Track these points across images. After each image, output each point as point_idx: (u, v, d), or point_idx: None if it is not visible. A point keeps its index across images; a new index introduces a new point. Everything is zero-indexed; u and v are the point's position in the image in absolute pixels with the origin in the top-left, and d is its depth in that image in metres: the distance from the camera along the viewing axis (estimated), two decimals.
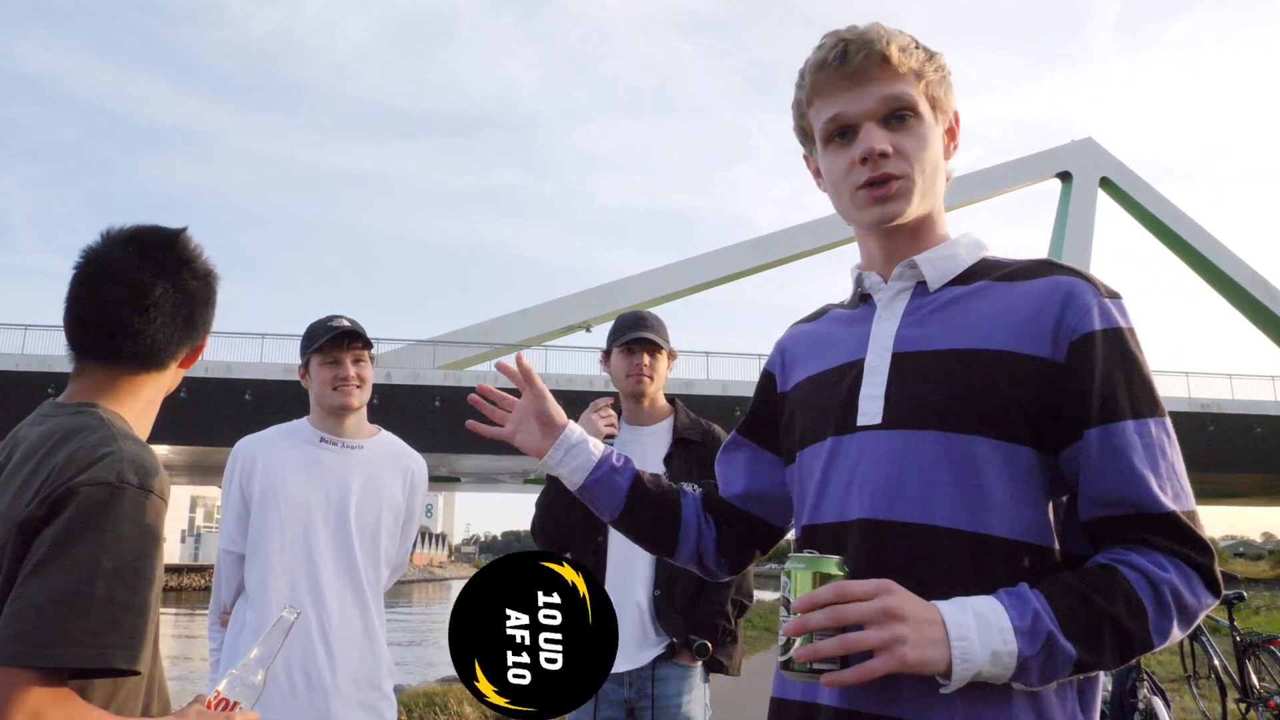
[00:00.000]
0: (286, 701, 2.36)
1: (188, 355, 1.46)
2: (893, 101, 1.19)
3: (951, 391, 1.13)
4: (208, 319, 1.47)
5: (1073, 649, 1.01)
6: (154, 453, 1.29)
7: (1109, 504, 1.09)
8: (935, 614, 1.01)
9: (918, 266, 1.23)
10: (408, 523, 2.68)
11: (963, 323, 1.17)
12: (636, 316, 2.86)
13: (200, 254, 1.45)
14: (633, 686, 2.59)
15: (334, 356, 2.54)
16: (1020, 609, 1.02)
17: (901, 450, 1.14)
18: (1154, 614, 1.04)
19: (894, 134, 1.19)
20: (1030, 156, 54.06)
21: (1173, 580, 1.04)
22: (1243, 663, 6.52)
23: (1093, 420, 1.10)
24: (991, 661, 1.00)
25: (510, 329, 42.33)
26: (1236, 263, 53.28)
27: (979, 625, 1.01)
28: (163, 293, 1.38)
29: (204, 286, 1.46)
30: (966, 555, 1.09)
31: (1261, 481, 47.63)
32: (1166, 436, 1.11)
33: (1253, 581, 32.65)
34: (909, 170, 1.19)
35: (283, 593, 2.43)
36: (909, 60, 1.19)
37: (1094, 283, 1.16)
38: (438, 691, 8.24)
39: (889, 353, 1.20)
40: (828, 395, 1.26)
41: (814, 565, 1.05)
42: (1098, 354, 1.11)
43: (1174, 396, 39.11)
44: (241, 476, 2.54)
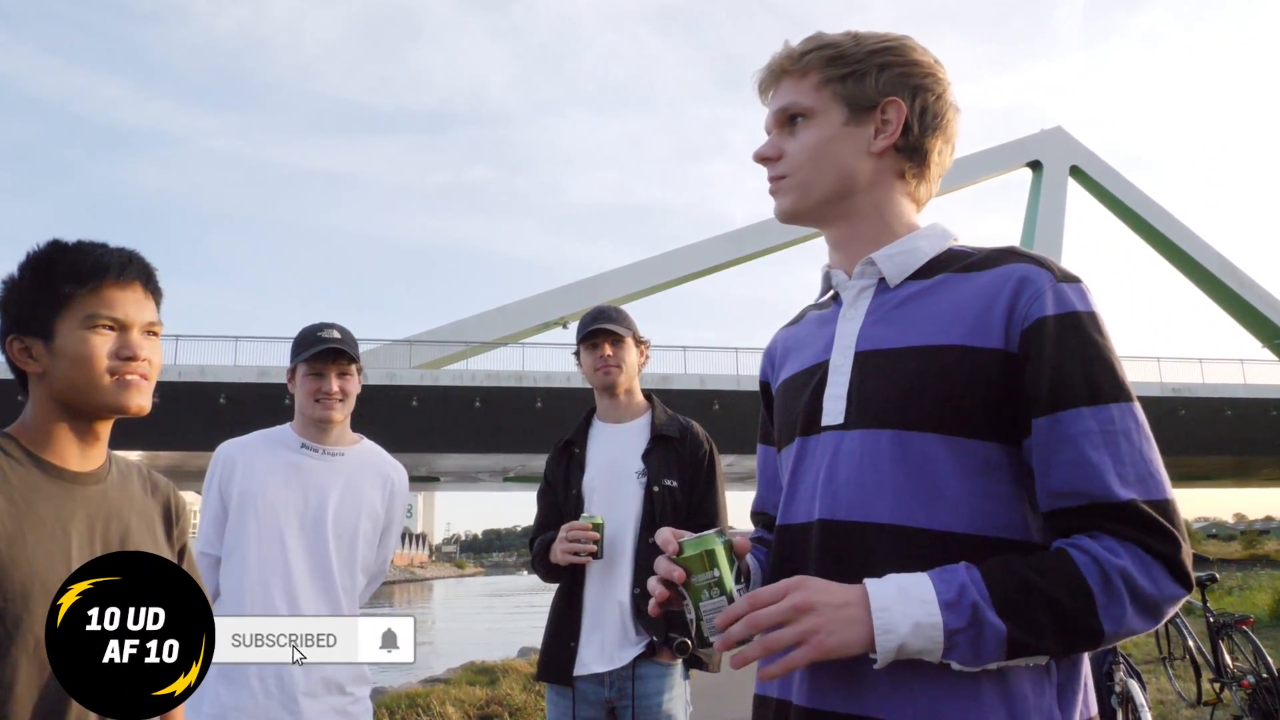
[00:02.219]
0: (258, 705, 2.36)
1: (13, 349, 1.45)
2: (782, 107, 1.26)
3: (907, 389, 1.13)
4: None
5: (1002, 625, 0.99)
6: None
7: (1063, 495, 1.07)
8: (855, 594, 1.03)
9: (875, 264, 1.24)
10: (387, 531, 2.67)
11: (921, 319, 1.17)
12: (596, 311, 2.86)
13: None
14: (613, 686, 2.59)
15: (319, 369, 2.55)
16: (947, 582, 1.02)
17: (860, 450, 1.15)
18: (1101, 598, 1.00)
19: (787, 136, 1.26)
20: (1001, 146, 54.44)
21: (1124, 566, 1.01)
22: (1216, 643, 6.60)
23: (1041, 409, 1.08)
24: (914, 633, 1.00)
25: (487, 327, 42.18)
26: (1205, 249, 53.96)
27: (900, 597, 1.01)
28: None
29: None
30: (924, 553, 1.08)
31: (1232, 463, 48.31)
32: (1133, 422, 1.07)
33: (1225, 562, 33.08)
34: (791, 169, 1.25)
35: (257, 597, 2.42)
36: (802, 64, 1.25)
37: (1049, 268, 1.14)
38: (419, 693, 8.21)
39: (852, 351, 1.21)
40: (797, 397, 1.27)
41: (700, 545, 1.12)
42: (1049, 340, 1.09)
43: (1146, 381, 39.54)
44: (221, 480, 2.54)
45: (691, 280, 48.57)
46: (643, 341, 2.86)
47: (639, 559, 2.60)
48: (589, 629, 2.63)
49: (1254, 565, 27.28)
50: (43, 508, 1.38)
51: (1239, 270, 53.73)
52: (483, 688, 8.49)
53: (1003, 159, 54.16)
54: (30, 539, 1.34)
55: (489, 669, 9.83)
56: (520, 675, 9.10)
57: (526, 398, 34.32)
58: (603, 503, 2.69)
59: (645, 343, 2.87)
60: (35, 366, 1.43)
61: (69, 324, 1.41)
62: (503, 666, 9.85)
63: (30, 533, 1.35)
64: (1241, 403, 39.92)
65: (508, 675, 9.14)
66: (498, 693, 8.10)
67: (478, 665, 10.36)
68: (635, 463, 2.71)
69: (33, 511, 1.36)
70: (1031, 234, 52.53)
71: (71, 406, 1.44)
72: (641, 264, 46.85)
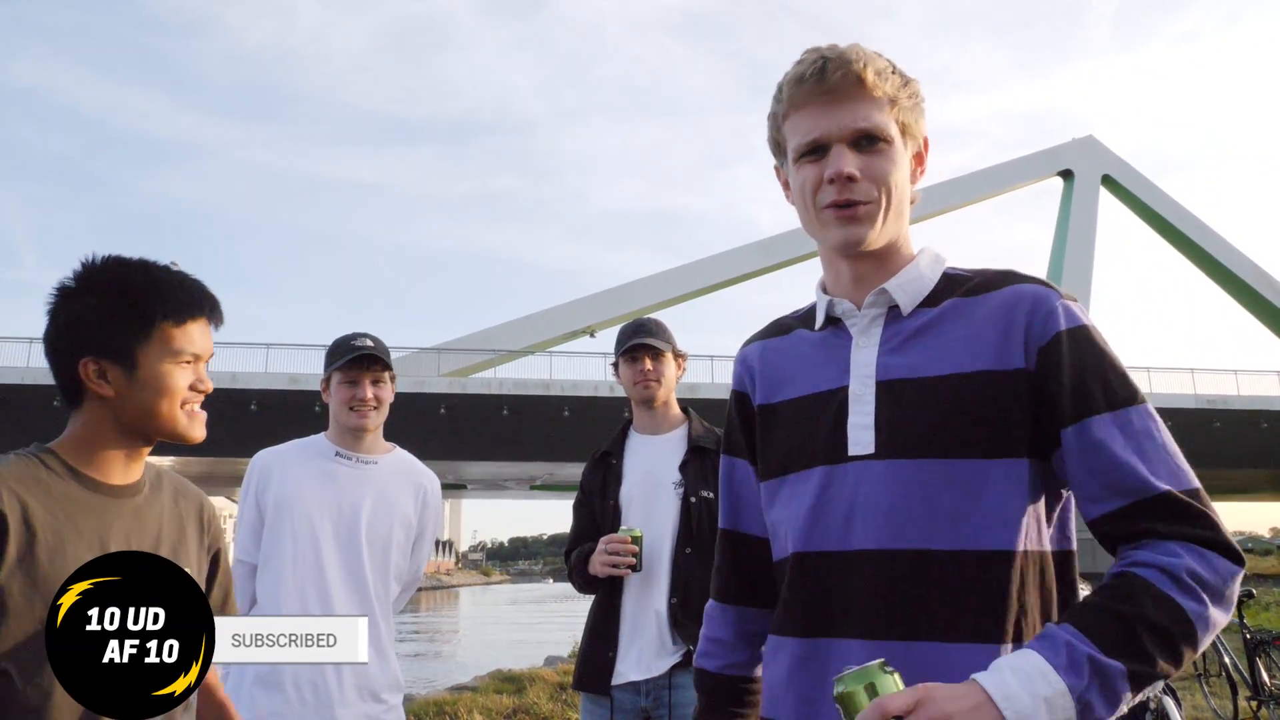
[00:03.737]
0: (294, 711, 2.39)
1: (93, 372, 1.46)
2: (865, 124, 1.20)
3: (944, 418, 1.16)
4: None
5: (1119, 664, 0.99)
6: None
7: (1103, 499, 1.11)
8: (977, 695, 0.98)
9: (889, 293, 1.25)
10: (420, 539, 2.70)
11: (942, 347, 1.20)
12: (637, 324, 2.89)
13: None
14: (649, 695, 2.60)
15: (353, 377, 2.58)
16: (1053, 647, 1.01)
17: (903, 479, 1.16)
18: (1184, 601, 1.02)
19: (863, 157, 1.20)
20: (1031, 155, 54.01)
21: (1187, 563, 1.03)
22: (1253, 660, 6.50)
23: (1067, 420, 1.12)
24: (1048, 709, 0.97)
25: (514, 335, 42.35)
26: (1240, 258, 53.18)
27: (1019, 679, 0.98)
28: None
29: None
30: (975, 572, 1.11)
31: (1269, 477, 47.46)
32: (1151, 422, 1.12)
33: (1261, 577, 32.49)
34: (875, 195, 1.21)
35: (293, 604, 2.45)
36: (884, 85, 1.21)
37: (1054, 288, 1.20)
38: (447, 700, 8.25)
39: (873, 381, 1.22)
40: (812, 422, 1.26)
41: (861, 680, 1.01)
42: (1065, 354, 1.14)
43: (1180, 393, 39.00)
44: (258, 488, 2.58)
45: (720, 289, 48.53)
46: (681, 355, 2.89)
47: (676, 570, 2.62)
48: (627, 640, 2.65)
49: None
50: (82, 521, 1.41)
51: (1275, 280, 52.88)
52: (510, 696, 8.51)
53: (1033, 168, 53.73)
54: (70, 552, 1.37)
55: (516, 677, 9.84)
56: (547, 684, 9.11)
57: (554, 406, 34.42)
58: (640, 514, 2.70)
59: (683, 356, 2.90)
60: (108, 390, 1.45)
61: (153, 354, 1.45)
62: (530, 675, 9.86)
63: (70, 545, 1.37)
64: (1278, 415, 39.24)
65: (534, 684, 9.15)
66: (525, 701, 8.12)
67: (505, 674, 10.38)
68: (672, 474, 2.73)
69: (72, 524, 1.39)
70: (1063, 243, 52.03)
71: (136, 430, 1.48)
72: (669, 273, 46.85)
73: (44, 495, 1.38)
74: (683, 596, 2.61)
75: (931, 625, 1.09)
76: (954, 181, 52.20)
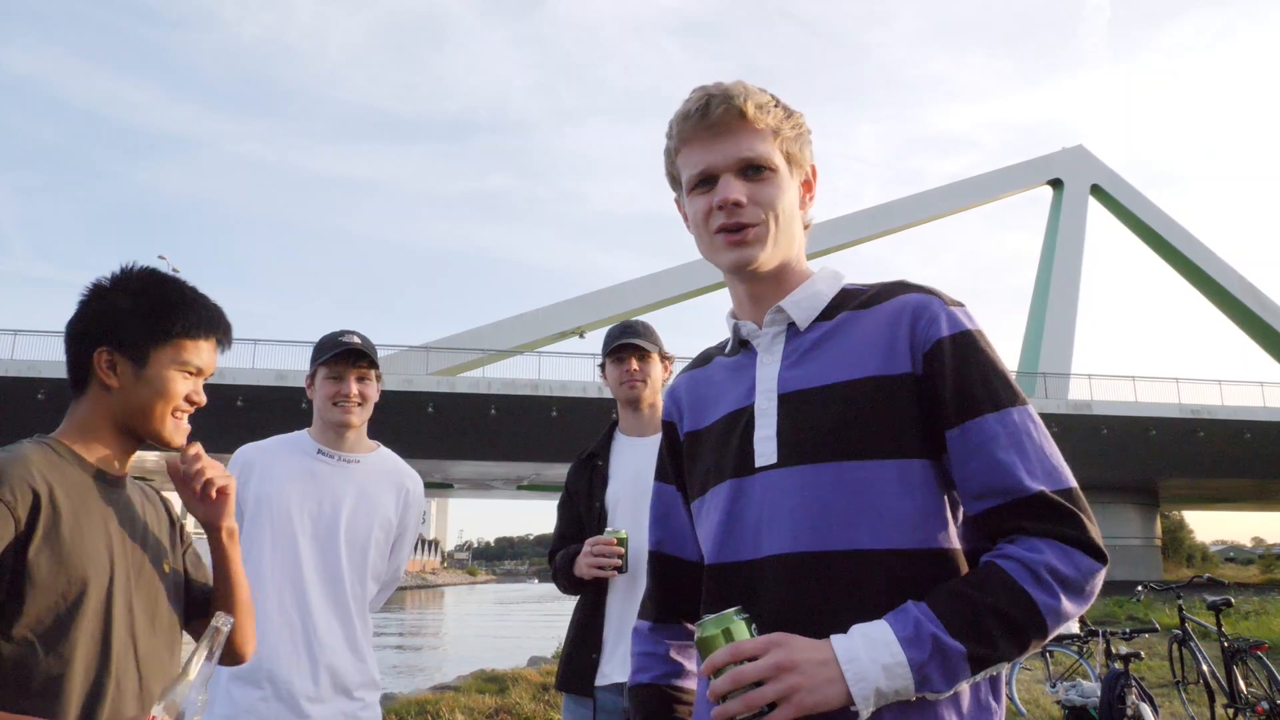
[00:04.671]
0: (270, 708, 2.38)
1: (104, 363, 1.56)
2: (749, 154, 1.27)
3: (837, 423, 1.22)
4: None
5: (961, 645, 1.08)
6: (14, 462, 1.44)
7: (982, 496, 1.18)
8: (826, 651, 1.08)
9: (785, 311, 1.32)
10: (400, 539, 2.69)
11: (835, 357, 1.26)
12: (623, 325, 2.90)
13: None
14: None
15: (338, 372, 2.58)
16: (902, 621, 1.10)
17: (800, 484, 1.21)
18: (1036, 593, 1.10)
19: (750, 185, 1.28)
20: (1022, 164, 54.30)
21: (1047, 559, 1.11)
22: (1230, 669, 6.55)
23: (952, 421, 1.19)
24: (886, 675, 1.06)
25: (504, 335, 42.32)
26: (1226, 270, 53.58)
27: (865, 644, 1.08)
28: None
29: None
30: (875, 572, 1.16)
31: (1251, 486, 47.80)
32: (1031, 422, 1.20)
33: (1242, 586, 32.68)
34: (762, 218, 1.28)
35: (270, 602, 2.44)
36: (765, 117, 1.28)
37: (938, 295, 1.27)
38: (430, 699, 8.23)
39: (775, 395, 1.28)
40: (723, 442, 1.33)
41: (719, 624, 1.12)
42: (947, 358, 1.21)
43: (1164, 403, 39.25)
44: (239, 484, 2.54)
45: (709, 292, 48.60)
46: (667, 357, 2.90)
47: None
48: (612, 642, 2.66)
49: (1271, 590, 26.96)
50: (92, 504, 1.51)
51: (1260, 292, 53.29)
52: (492, 696, 8.50)
53: (1023, 176, 54.01)
54: (85, 530, 1.47)
55: (499, 677, 9.83)
56: (530, 684, 9.11)
57: (542, 406, 34.40)
58: (626, 516, 2.71)
59: (670, 358, 2.92)
60: (114, 381, 1.55)
61: (162, 358, 1.57)
62: (513, 675, 9.85)
63: (85, 524, 1.48)
64: (1261, 425, 39.52)
65: (517, 684, 9.15)
66: (507, 701, 8.11)
67: (488, 673, 10.36)
68: None
69: (85, 507, 1.49)
70: (1051, 252, 52.31)
71: (128, 425, 1.58)
72: (660, 275, 46.93)
73: (61, 480, 1.48)
74: None
75: (837, 625, 1.12)
76: (944, 189, 52.45)
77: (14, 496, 1.39)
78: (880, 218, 50.18)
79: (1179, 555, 65.59)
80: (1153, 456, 39.75)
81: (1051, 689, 7.66)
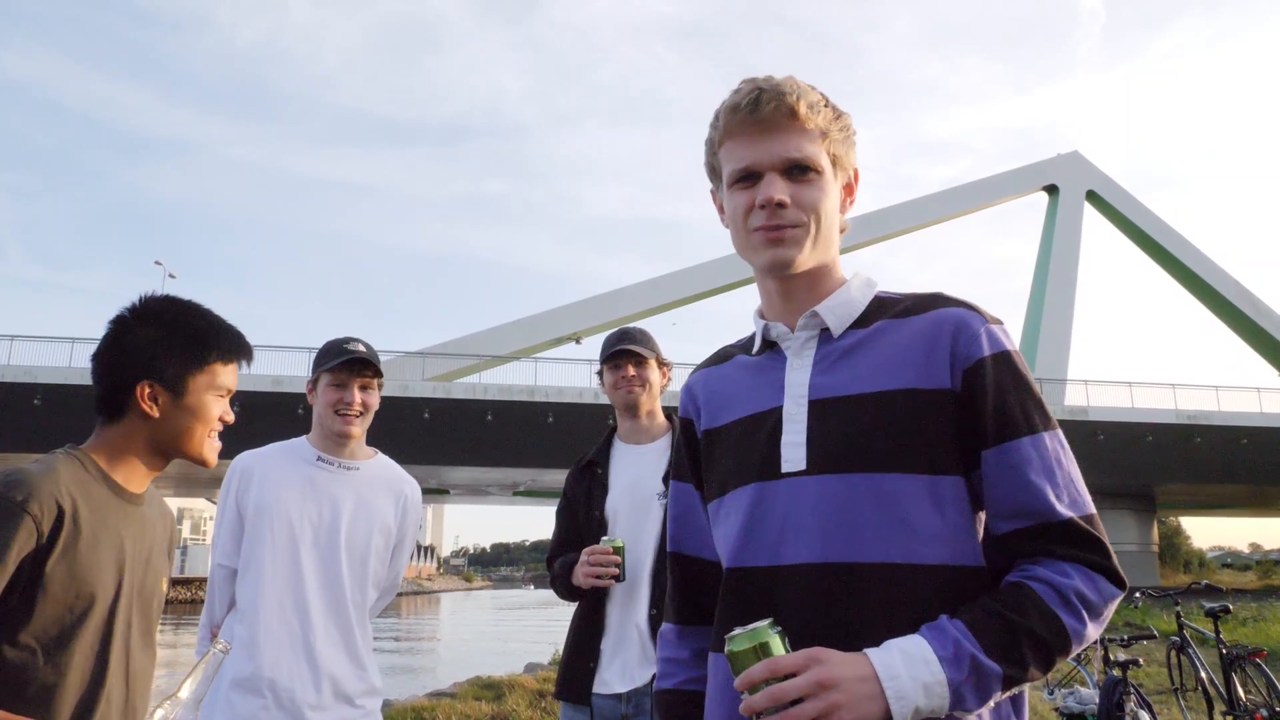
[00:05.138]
0: (271, 715, 2.38)
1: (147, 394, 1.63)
2: (796, 155, 1.25)
3: (871, 434, 1.20)
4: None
5: (997, 666, 1.08)
6: (45, 475, 1.49)
7: (1013, 517, 1.18)
8: (865, 668, 1.07)
9: (819, 316, 1.30)
10: (399, 546, 2.68)
11: (870, 366, 1.25)
12: (620, 332, 2.89)
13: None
14: (630, 702, 2.60)
15: (341, 380, 2.56)
16: (941, 639, 1.09)
17: (830, 494, 1.20)
18: (1066, 618, 1.11)
19: (794, 185, 1.25)
20: (1017, 170, 54.41)
21: (1077, 585, 1.13)
22: (1229, 675, 6.53)
23: (989, 441, 1.19)
24: (925, 694, 1.06)
25: (500, 340, 42.29)
26: (1222, 276, 53.68)
27: (905, 662, 1.07)
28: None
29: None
30: (902, 587, 1.15)
31: (1248, 492, 47.87)
32: (1061, 448, 1.21)
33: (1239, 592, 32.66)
34: (804, 220, 1.25)
35: (271, 610, 2.43)
36: (816, 117, 1.26)
37: (979, 311, 1.26)
38: (426, 706, 8.20)
39: (805, 400, 1.26)
40: (748, 442, 1.31)
41: (752, 639, 1.09)
42: (989, 378, 1.20)
43: (1161, 408, 39.26)
44: (238, 491, 2.55)
45: (706, 298, 48.63)
46: (665, 364, 2.89)
47: (656, 581, 2.62)
48: (610, 651, 2.65)
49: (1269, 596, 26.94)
50: (110, 522, 1.57)
51: (1257, 298, 53.39)
52: (489, 703, 8.47)
53: (1019, 182, 54.11)
54: (100, 549, 1.53)
55: (495, 684, 9.79)
56: (526, 691, 9.07)
57: (538, 412, 34.36)
58: (626, 527, 2.70)
59: (667, 365, 2.90)
60: (154, 411, 1.63)
61: (199, 385, 1.66)
62: (509, 682, 9.82)
63: (100, 544, 1.54)
64: (1258, 431, 39.56)
65: (514, 691, 9.11)
66: (503, 708, 8.08)
67: (484, 680, 10.33)
68: (657, 484, 2.72)
69: (104, 524, 1.56)
70: (1047, 258, 52.39)
71: (163, 448, 1.66)
72: (655, 281, 46.93)
73: (86, 496, 1.54)
74: (661, 607, 2.61)
75: (863, 637, 1.11)
76: (940, 194, 52.54)
77: (41, 511, 1.44)
78: (875, 223, 50.19)
79: (1176, 561, 65.59)
80: (1149, 463, 39.79)
81: (1049, 696, 7.65)
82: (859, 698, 1.04)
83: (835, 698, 1.03)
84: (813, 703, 1.03)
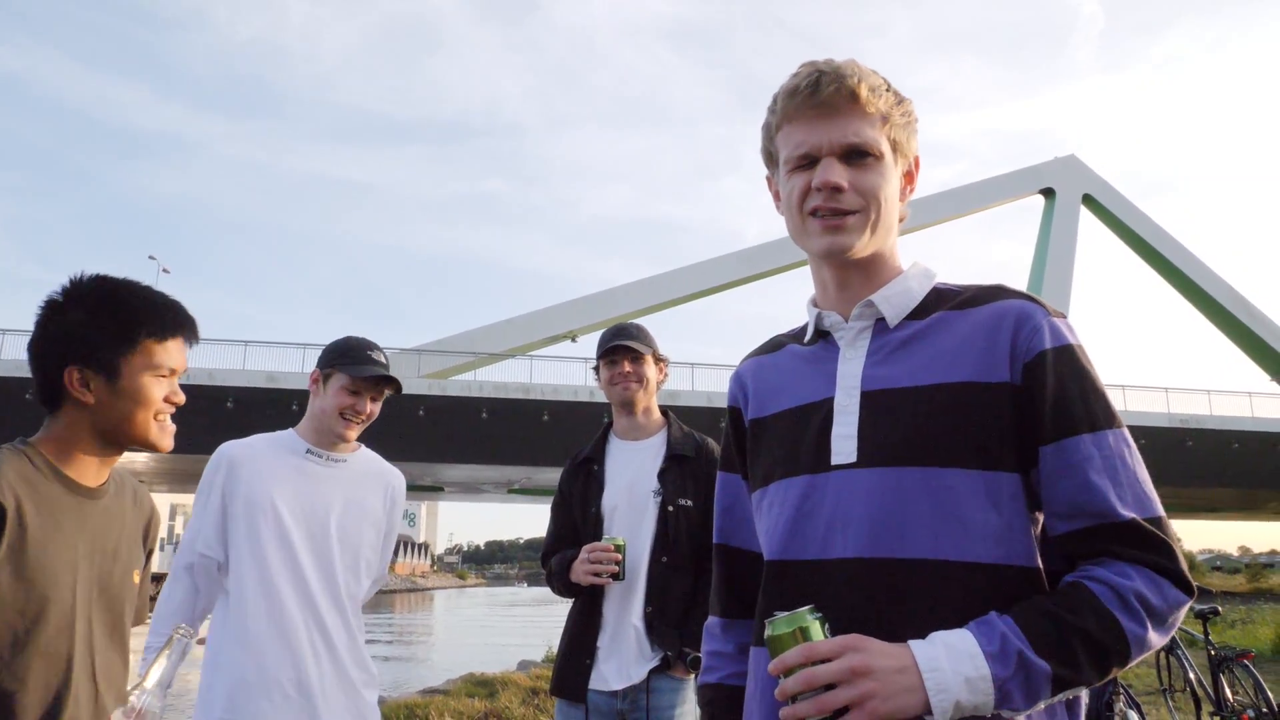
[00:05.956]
0: (280, 709, 2.38)
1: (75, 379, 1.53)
2: (856, 139, 1.21)
3: (925, 427, 1.16)
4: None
5: (1047, 665, 1.03)
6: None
7: (1071, 517, 1.13)
8: (906, 659, 1.03)
9: (875, 306, 1.26)
10: (387, 536, 2.70)
11: (926, 358, 1.21)
12: (617, 328, 2.87)
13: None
14: (627, 698, 2.60)
15: (359, 388, 2.55)
16: (988, 634, 1.05)
17: (882, 488, 1.16)
18: (1125, 621, 1.06)
19: (853, 170, 1.21)
20: (1014, 172, 54.50)
21: (1138, 587, 1.07)
22: (1217, 677, 6.56)
23: (1047, 437, 1.14)
24: (968, 689, 1.02)
25: (496, 338, 42.23)
26: (1216, 281, 53.82)
27: (949, 655, 1.03)
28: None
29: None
30: (952, 584, 1.11)
31: (1239, 496, 47.99)
32: (1126, 446, 1.14)
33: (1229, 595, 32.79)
34: (863, 206, 1.22)
35: (274, 604, 2.43)
36: (877, 101, 1.21)
37: (1041, 304, 1.20)
38: (418, 703, 8.19)
39: (858, 391, 1.22)
40: (798, 433, 1.27)
41: (792, 623, 1.07)
42: (1049, 372, 1.15)
43: (1153, 412, 39.37)
44: (225, 482, 2.50)
45: (702, 298, 48.62)
46: (662, 360, 2.86)
47: (652, 578, 2.62)
48: (607, 648, 2.64)
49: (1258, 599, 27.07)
50: (62, 519, 1.48)
51: (1250, 304, 53.55)
52: (481, 700, 8.47)
53: (1016, 185, 54.19)
54: (52, 548, 1.44)
55: (488, 681, 9.80)
56: (519, 689, 9.08)
57: (533, 410, 34.34)
58: (623, 524, 2.69)
59: (664, 361, 2.88)
60: (88, 397, 1.52)
61: (134, 366, 1.55)
62: (502, 679, 9.82)
63: (52, 542, 1.45)
64: (1249, 436, 39.71)
65: (507, 688, 9.12)
66: (496, 705, 8.08)
67: (477, 677, 10.33)
68: (651, 481, 2.71)
69: (55, 522, 1.47)
70: (1043, 261, 52.48)
71: (110, 436, 1.56)
72: (652, 280, 46.89)
73: (33, 493, 1.45)
74: (658, 605, 2.61)
75: (910, 634, 1.08)
76: (938, 196, 52.54)
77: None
78: None
79: None
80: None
81: None
82: (896, 688, 1.01)
83: (869, 686, 1.01)
84: (845, 690, 1.01)
